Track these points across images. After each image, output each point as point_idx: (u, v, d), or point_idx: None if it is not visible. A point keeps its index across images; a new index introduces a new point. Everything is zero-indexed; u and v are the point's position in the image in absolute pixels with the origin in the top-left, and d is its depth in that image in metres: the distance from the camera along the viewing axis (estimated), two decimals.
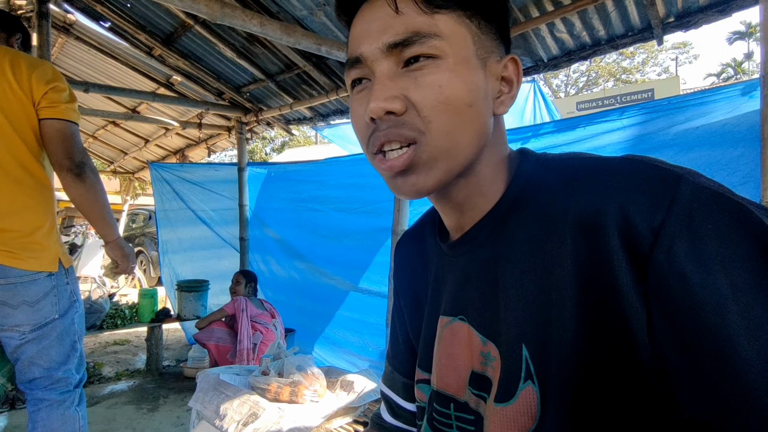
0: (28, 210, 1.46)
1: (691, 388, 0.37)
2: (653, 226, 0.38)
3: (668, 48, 21.50)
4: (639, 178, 0.41)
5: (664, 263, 0.37)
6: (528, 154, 0.54)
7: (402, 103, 0.46)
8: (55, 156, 1.49)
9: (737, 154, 1.79)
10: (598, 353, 0.41)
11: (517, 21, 2.31)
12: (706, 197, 0.38)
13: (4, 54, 1.46)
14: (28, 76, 1.45)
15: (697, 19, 2.09)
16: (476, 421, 0.52)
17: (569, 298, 0.43)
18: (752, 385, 0.34)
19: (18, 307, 1.44)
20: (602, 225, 0.41)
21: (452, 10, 0.47)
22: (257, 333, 3.18)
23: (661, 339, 0.38)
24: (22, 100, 1.44)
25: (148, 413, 3.04)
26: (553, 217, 0.45)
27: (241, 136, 4.33)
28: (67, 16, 3.62)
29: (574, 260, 0.43)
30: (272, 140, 23.10)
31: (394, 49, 0.47)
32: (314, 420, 1.58)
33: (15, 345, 1.48)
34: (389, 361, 0.74)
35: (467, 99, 0.47)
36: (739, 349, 0.34)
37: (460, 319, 0.55)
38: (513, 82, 0.52)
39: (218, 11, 1.95)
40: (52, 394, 1.53)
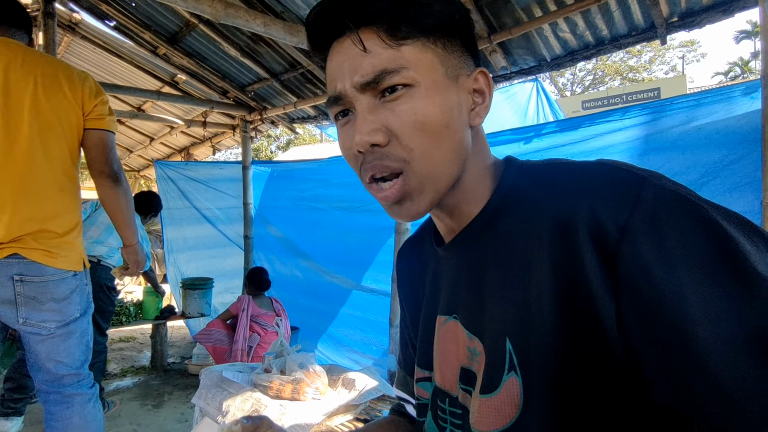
0: (66, 213, 1.54)
1: (659, 375, 0.39)
2: (619, 224, 0.41)
3: (675, 46, 21.35)
4: (607, 180, 0.44)
5: (629, 259, 0.40)
6: (512, 162, 0.57)
7: (384, 134, 0.49)
8: (97, 163, 1.61)
9: (739, 155, 1.78)
10: (575, 345, 0.44)
11: (520, 21, 2.31)
12: (668, 197, 0.41)
13: (56, 65, 1.56)
14: (81, 89, 1.56)
15: (701, 19, 2.08)
16: (463, 414, 0.55)
17: (547, 293, 0.46)
18: (713, 370, 0.36)
19: (46, 304, 1.49)
20: (574, 224, 0.44)
21: (416, 39, 0.49)
22: (254, 335, 3.17)
23: (630, 330, 0.40)
24: (76, 110, 1.55)
25: (152, 409, 3.07)
26: (533, 219, 0.48)
27: (245, 135, 4.35)
28: (72, 15, 3.65)
29: (551, 258, 0.46)
30: (277, 138, 23.15)
31: (368, 86, 0.49)
32: (316, 417, 1.60)
33: (37, 341, 1.52)
34: (401, 367, 0.77)
35: (442, 121, 0.49)
36: (700, 336, 0.36)
37: (454, 317, 0.58)
38: (485, 93, 0.54)
39: (222, 11, 1.97)
40: (82, 389, 1.60)
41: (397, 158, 0.49)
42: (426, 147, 0.49)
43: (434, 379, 0.61)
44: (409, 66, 0.48)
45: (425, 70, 0.49)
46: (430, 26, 0.49)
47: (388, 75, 0.48)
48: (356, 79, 0.49)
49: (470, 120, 0.53)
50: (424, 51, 0.49)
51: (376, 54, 0.48)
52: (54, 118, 1.51)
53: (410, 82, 0.48)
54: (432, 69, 0.49)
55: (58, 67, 1.55)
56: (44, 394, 1.58)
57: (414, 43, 0.49)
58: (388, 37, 0.48)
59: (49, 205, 1.50)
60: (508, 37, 2.33)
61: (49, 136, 1.50)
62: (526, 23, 2.27)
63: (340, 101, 0.52)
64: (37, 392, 1.61)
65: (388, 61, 0.48)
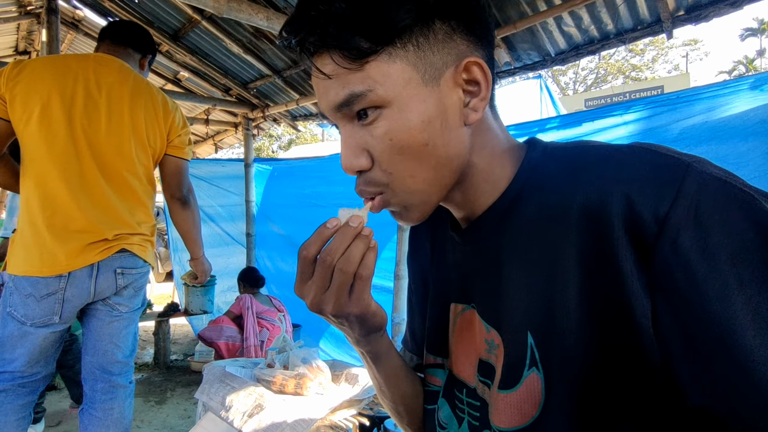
0: (149, 218, 1.71)
1: (695, 377, 0.37)
2: (658, 217, 0.38)
3: (678, 45, 21.28)
4: (645, 166, 0.40)
5: (669, 254, 0.37)
6: (535, 144, 0.53)
7: (366, 158, 0.48)
8: (171, 187, 1.79)
9: (746, 149, 1.77)
10: (603, 342, 0.41)
11: (524, 14, 2.30)
12: (713, 187, 0.37)
13: (156, 92, 1.72)
14: (172, 118, 1.75)
15: (708, 12, 2.05)
16: (482, 407, 0.53)
17: (573, 287, 0.43)
18: (757, 375, 0.34)
19: (128, 289, 1.64)
20: (607, 215, 0.40)
21: (380, 52, 0.45)
22: (264, 330, 3.18)
23: (665, 329, 0.38)
24: (162, 135, 1.72)
25: (155, 406, 3.07)
26: (558, 207, 0.45)
27: (247, 132, 4.35)
28: (75, 12, 3.66)
29: (578, 250, 0.43)
30: (279, 138, 23.16)
31: (341, 110, 0.47)
32: (318, 412, 1.59)
33: (106, 322, 1.62)
34: (406, 347, 0.74)
35: (421, 140, 0.46)
36: (744, 339, 0.34)
37: (471, 307, 0.56)
38: (480, 83, 0.48)
39: (224, 5, 1.96)
40: (126, 380, 1.69)
41: (377, 183, 0.49)
42: (405, 169, 0.47)
43: (449, 366, 0.60)
44: (377, 85, 0.45)
45: (396, 85, 0.45)
46: (392, 34, 0.45)
47: (357, 98, 0.45)
48: (329, 103, 0.48)
49: (464, 118, 0.48)
50: (392, 62, 0.45)
51: (340, 77, 0.46)
52: (145, 138, 1.66)
53: (381, 102, 0.45)
54: (404, 81, 0.45)
55: (158, 94, 1.73)
56: (92, 382, 1.63)
57: (378, 56, 0.45)
58: (346, 61, 0.45)
59: (142, 210, 1.66)
60: (512, 31, 2.32)
61: (141, 153, 1.65)
62: (530, 17, 2.25)
63: (326, 118, 0.52)
64: (85, 380, 1.65)
65: (355, 84, 0.45)
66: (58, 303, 1.50)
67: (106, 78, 1.58)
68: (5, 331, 1.49)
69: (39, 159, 1.48)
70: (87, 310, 1.62)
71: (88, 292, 1.54)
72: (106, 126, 1.56)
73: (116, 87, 1.59)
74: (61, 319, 1.52)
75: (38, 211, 1.47)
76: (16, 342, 1.49)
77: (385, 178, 0.48)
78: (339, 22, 0.44)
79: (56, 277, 1.48)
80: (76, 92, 1.52)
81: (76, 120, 1.52)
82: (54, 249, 1.47)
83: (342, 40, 0.44)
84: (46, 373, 1.58)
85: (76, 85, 1.53)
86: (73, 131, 1.51)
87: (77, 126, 1.52)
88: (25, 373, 1.51)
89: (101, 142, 1.55)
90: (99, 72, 1.58)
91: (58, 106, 1.49)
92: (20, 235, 1.50)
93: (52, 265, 1.47)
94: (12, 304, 1.48)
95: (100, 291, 1.56)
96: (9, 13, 3.57)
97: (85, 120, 1.53)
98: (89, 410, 1.62)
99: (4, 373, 1.49)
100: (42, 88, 1.48)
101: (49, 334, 1.52)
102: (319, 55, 0.47)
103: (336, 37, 0.44)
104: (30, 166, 1.50)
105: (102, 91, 1.56)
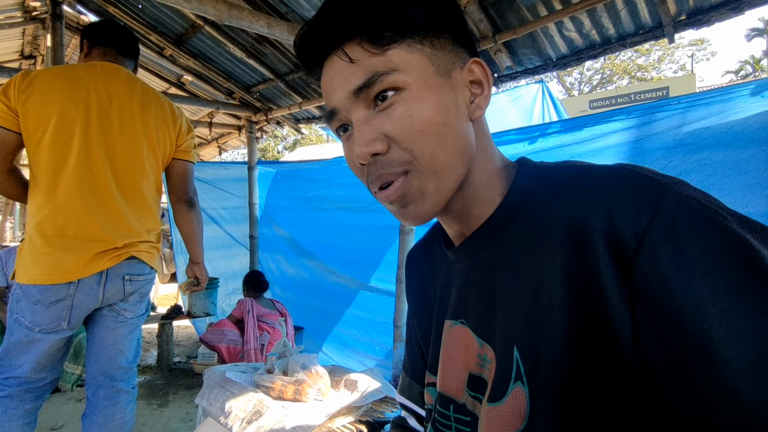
0: (157, 226, 1.74)
1: (675, 389, 0.38)
2: (638, 232, 0.39)
3: (685, 45, 21.12)
4: (626, 185, 0.42)
5: (647, 268, 0.38)
6: (525, 163, 0.55)
7: (383, 142, 0.49)
8: (178, 189, 1.82)
9: (748, 155, 1.75)
10: (586, 355, 0.42)
11: (525, 20, 2.29)
12: (690, 206, 0.39)
13: (164, 99, 1.76)
14: (180, 124, 1.78)
15: (710, 16, 2.05)
16: (472, 422, 0.54)
17: (559, 301, 0.44)
18: (733, 386, 0.35)
19: (134, 295, 1.65)
20: (590, 230, 0.42)
21: (401, 42, 0.49)
22: (264, 333, 3.19)
23: (645, 341, 0.39)
24: (171, 140, 1.75)
25: (157, 409, 3.08)
26: (546, 224, 0.47)
27: (251, 135, 4.37)
28: (80, 17, 3.68)
29: (563, 265, 0.44)
30: (284, 138, 23.22)
31: (360, 93, 0.49)
32: (317, 418, 1.59)
33: (111, 327, 1.64)
34: (406, 373, 0.75)
35: (439, 119, 0.48)
36: (720, 351, 0.35)
37: (461, 322, 0.57)
38: (483, 83, 0.53)
39: (225, 12, 1.97)
40: (129, 386, 1.71)
41: (400, 162, 0.49)
42: (426, 146, 0.48)
43: (437, 384, 0.60)
44: (399, 68, 0.48)
45: (415, 71, 0.48)
46: (413, 28, 0.49)
47: (379, 77, 0.48)
48: (348, 87, 0.49)
49: (470, 113, 0.52)
50: (411, 52, 0.49)
51: (363, 61, 0.49)
52: (156, 145, 1.69)
53: (401, 84, 0.48)
54: (422, 69, 0.49)
55: (165, 100, 1.76)
56: (95, 387, 1.65)
57: (399, 46, 0.48)
58: (371, 46, 0.48)
59: (150, 218, 1.69)
60: (513, 36, 2.32)
61: (152, 160, 1.69)
62: (531, 22, 2.25)
63: (336, 116, 0.52)
64: (88, 386, 1.66)
65: (377, 66, 0.48)
66: (66, 309, 1.51)
67: (115, 88, 1.61)
68: (12, 337, 1.51)
69: (52, 169, 1.50)
70: (92, 315, 1.64)
71: (97, 299, 1.55)
72: (118, 135, 1.59)
73: (126, 96, 1.63)
74: (69, 325, 1.53)
75: (49, 221, 1.48)
76: (23, 348, 1.50)
77: (407, 156, 0.49)
78: (366, 13, 0.49)
79: (66, 284, 1.49)
80: (90, 103, 1.55)
81: (90, 131, 1.54)
82: (64, 258, 1.48)
83: (371, 28, 0.48)
84: (52, 378, 1.59)
85: (88, 96, 1.55)
86: (87, 142, 1.53)
87: (92, 136, 1.54)
88: (31, 378, 1.52)
89: (115, 151, 1.58)
90: (108, 82, 1.61)
91: (72, 118, 1.51)
92: (29, 245, 1.51)
93: (62, 273, 1.48)
94: (19, 311, 1.49)
95: (108, 297, 1.58)
96: (14, 18, 3.61)
97: (98, 130, 1.56)
98: (91, 415, 1.63)
99: (10, 378, 1.50)
100: (55, 100, 1.50)
101: (57, 340, 1.53)
102: (345, 45, 0.49)
103: (363, 25, 0.48)
104: (42, 176, 1.51)
105: (113, 101, 1.60)
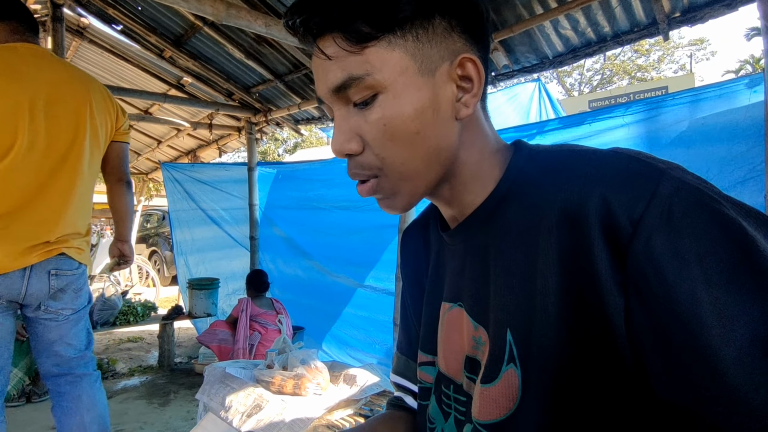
0: (88, 215, 1.72)
1: (666, 374, 0.38)
2: (633, 218, 0.39)
3: (684, 45, 21.14)
4: (622, 170, 0.42)
5: (641, 254, 0.39)
6: (521, 147, 0.55)
7: (358, 143, 0.50)
8: (117, 171, 1.82)
9: (744, 149, 1.77)
10: (579, 339, 0.43)
11: (521, 18, 2.31)
12: (686, 192, 0.39)
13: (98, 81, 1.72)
14: (116, 105, 1.77)
15: (704, 13, 2.06)
16: (467, 402, 0.55)
17: (552, 285, 0.44)
18: (723, 372, 0.35)
19: (67, 293, 1.64)
20: (585, 215, 0.42)
21: (380, 39, 0.47)
22: (255, 333, 3.21)
23: (637, 327, 0.39)
24: (112, 123, 1.75)
25: (159, 408, 3.10)
26: (540, 208, 0.47)
27: (250, 136, 4.39)
28: (80, 19, 3.71)
29: (558, 249, 0.44)
30: (285, 141, 23.25)
31: (339, 92, 0.49)
32: (316, 412, 1.61)
33: (52, 327, 1.63)
34: (402, 351, 0.75)
35: (413, 128, 0.48)
36: (710, 338, 0.35)
37: (458, 305, 0.57)
38: (473, 80, 0.50)
39: (223, 12, 1.99)
40: (89, 369, 1.73)
41: (370, 166, 0.50)
42: (396, 155, 0.49)
43: (438, 364, 0.61)
44: (375, 70, 0.47)
45: (393, 72, 0.47)
46: (393, 22, 0.47)
47: (354, 81, 0.47)
48: (327, 85, 0.49)
49: (455, 112, 0.50)
50: (391, 50, 0.47)
51: (341, 60, 0.48)
52: (99, 130, 1.67)
53: (378, 88, 0.47)
54: (401, 69, 0.47)
55: (99, 83, 1.72)
56: (54, 378, 1.66)
57: (378, 43, 0.47)
58: (348, 44, 0.47)
59: (84, 210, 1.67)
60: (509, 34, 2.33)
61: (94, 147, 1.67)
62: (527, 20, 2.27)
63: (324, 103, 0.53)
64: (46, 378, 1.68)
65: (354, 67, 0.47)
66: None
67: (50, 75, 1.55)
68: None
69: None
70: (30, 319, 1.61)
71: (19, 292, 1.50)
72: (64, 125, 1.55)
73: (65, 83, 1.58)
74: None
75: None
76: None
77: (378, 162, 0.50)
78: (344, 7, 0.46)
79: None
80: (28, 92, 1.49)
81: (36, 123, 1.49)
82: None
83: (345, 23, 0.46)
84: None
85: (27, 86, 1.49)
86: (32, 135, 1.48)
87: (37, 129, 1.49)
88: None
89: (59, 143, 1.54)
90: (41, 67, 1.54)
91: (11, 108, 1.46)
92: None
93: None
94: None
95: (32, 292, 1.53)
96: None
97: (41, 122, 1.50)
98: (60, 403, 1.65)
99: None
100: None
101: None
102: (322, 38, 0.48)
103: (340, 20, 0.47)
104: None
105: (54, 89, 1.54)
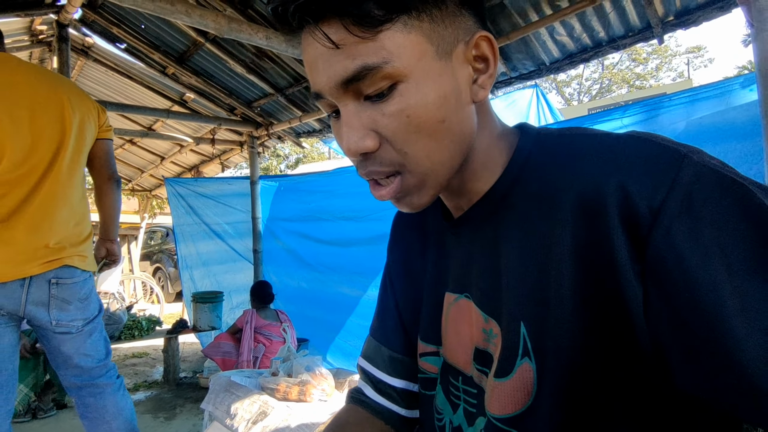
0: (85, 218, 1.68)
1: (686, 365, 0.37)
2: (653, 207, 0.38)
3: (682, 53, 21.27)
4: (641, 156, 0.40)
5: (662, 244, 0.37)
6: (527, 129, 0.52)
7: (374, 139, 0.44)
8: (105, 168, 1.78)
9: (742, 147, 1.78)
10: (595, 331, 0.42)
11: (517, 25, 2.35)
12: (708, 178, 0.37)
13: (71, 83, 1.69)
14: (95, 105, 1.73)
15: (697, 16, 2.09)
16: (479, 394, 0.54)
17: (567, 276, 0.43)
18: (745, 363, 0.34)
19: (72, 303, 1.59)
20: (603, 204, 0.40)
21: (395, 21, 0.41)
22: (260, 345, 3.21)
23: (657, 318, 0.38)
24: (95, 123, 1.72)
25: (165, 421, 3.08)
26: (553, 196, 0.45)
27: (252, 150, 4.42)
28: (85, 39, 3.79)
29: (573, 239, 0.43)
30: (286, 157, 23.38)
31: (349, 85, 0.43)
32: (321, 418, 1.60)
33: (67, 339, 1.60)
34: (374, 336, 0.73)
35: (438, 116, 0.44)
36: (731, 327, 0.34)
37: (465, 296, 0.56)
38: (489, 59, 0.47)
39: (225, 26, 2.04)
40: (111, 379, 1.69)
41: (391, 162, 0.45)
42: (422, 148, 0.44)
43: (443, 354, 0.60)
44: (392, 57, 0.41)
45: (412, 57, 0.42)
46: (409, 1, 0.42)
47: (371, 71, 0.41)
48: (334, 78, 0.43)
49: (473, 95, 0.47)
50: (408, 32, 0.42)
51: (350, 48, 0.41)
52: (86, 132, 1.66)
53: (397, 77, 0.42)
54: (420, 53, 0.42)
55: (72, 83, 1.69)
56: (77, 390, 1.64)
57: (393, 25, 0.41)
58: (359, 28, 0.40)
59: (78, 213, 1.63)
60: (506, 42, 2.37)
61: (81, 149, 1.65)
62: (522, 27, 2.30)
63: (323, 99, 0.47)
64: (69, 391, 1.66)
65: (367, 55, 0.41)
66: None
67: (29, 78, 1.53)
68: None
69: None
70: (44, 336, 1.59)
71: (19, 303, 1.48)
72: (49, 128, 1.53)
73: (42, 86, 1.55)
74: None
75: None
76: None
77: (399, 158, 0.45)
78: None
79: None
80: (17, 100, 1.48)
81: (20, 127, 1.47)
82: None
83: (354, 3, 0.40)
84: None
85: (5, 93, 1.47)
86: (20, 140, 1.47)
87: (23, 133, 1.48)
88: None
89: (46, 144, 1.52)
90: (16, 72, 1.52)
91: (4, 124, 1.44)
92: None
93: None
94: None
95: (33, 300, 1.50)
96: (22, 42, 3.71)
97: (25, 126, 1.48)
98: (85, 415, 1.64)
99: None
100: None
101: None
102: (324, 22, 0.42)
103: (348, 1, 0.40)
104: None
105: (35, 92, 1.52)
